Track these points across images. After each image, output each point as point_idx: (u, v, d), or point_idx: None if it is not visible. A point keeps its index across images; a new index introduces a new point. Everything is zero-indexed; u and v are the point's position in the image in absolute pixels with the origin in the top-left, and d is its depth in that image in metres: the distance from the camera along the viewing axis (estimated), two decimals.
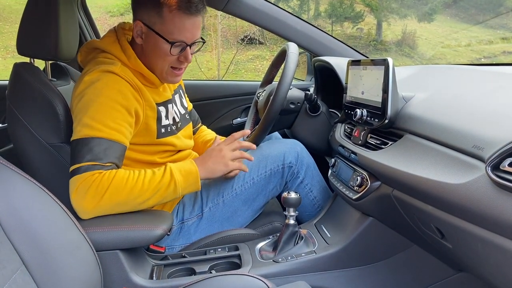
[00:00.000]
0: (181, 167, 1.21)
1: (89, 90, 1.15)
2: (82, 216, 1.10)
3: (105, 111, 1.14)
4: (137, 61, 1.24)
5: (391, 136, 1.12)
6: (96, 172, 1.09)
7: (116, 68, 1.19)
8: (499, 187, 0.70)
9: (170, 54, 1.22)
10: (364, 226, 1.24)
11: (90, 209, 1.09)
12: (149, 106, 1.25)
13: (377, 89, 1.12)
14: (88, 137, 1.11)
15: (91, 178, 1.08)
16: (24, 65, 1.29)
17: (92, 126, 1.11)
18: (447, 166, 0.84)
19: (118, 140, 1.14)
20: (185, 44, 1.22)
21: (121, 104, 1.16)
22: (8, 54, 8.98)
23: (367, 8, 10.26)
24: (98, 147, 1.11)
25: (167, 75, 1.27)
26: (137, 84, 1.22)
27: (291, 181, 1.45)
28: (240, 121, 2.21)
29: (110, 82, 1.16)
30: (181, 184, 1.18)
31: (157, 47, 1.22)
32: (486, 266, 0.84)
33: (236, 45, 9.71)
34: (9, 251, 0.77)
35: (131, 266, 1.13)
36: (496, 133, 0.77)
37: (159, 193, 1.15)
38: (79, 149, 1.11)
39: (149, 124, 1.26)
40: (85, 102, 1.14)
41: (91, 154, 1.10)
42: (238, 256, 1.26)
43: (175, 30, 1.19)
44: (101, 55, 1.25)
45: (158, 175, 1.17)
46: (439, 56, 8.86)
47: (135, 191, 1.12)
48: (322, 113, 1.57)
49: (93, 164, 1.09)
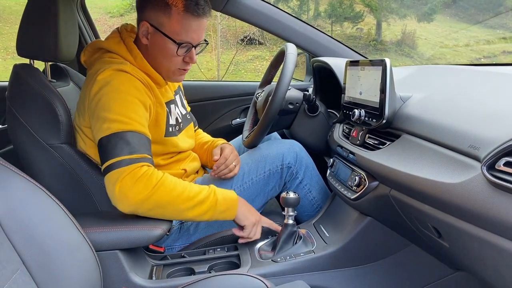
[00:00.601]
0: (223, 191, 1.23)
1: (107, 89, 1.16)
2: (125, 208, 1.09)
3: (128, 106, 1.15)
4: (144, 61, 1.25)
5: (388, 136, 1.13)
6: (144, 164, 1.10)
7: (127, 67, 1.20)
8: (495, 186, 0.70)
9: (177, 54, 1.23)
10: (362, 226, 1.25)
11: (136, 201, 1.08)
12: (159, 103, 1.27)
13: (375, 90, 1.12)
14: (121, 131, 1.11)
15: (139, 170, 1.09)
16: (24, 66, 1.30)
17: (121, 120, 1.12)
18: (443, 165, 0.85)
19: (145, 132, 1.16)
20: (191, 45, 1.24)
21: (139, 99, 1.18)
22: (8, 55, 8.98)
23: (367, 8, 10.26)
24: (133, 139, 1.12)
25: (173, 74, 1.29)
26: (148, 81, 1.25)
27: (290, 181, 1.46)
28: (239, 122, 2.22)
29: (125, 80, 1.18)
30: (220, 205, 1.19)
31: (163, 47, 1.23)
32: (482, 265, 0.85)
33: (236, 45, 9.71)
34: (9, 251, 0.77)
35: (130, 266, 1.13)
36: (492, 133, 0.77)
37: (201, 207, 1.16)
38: (114, 143, 1.10)
39: (158, 121, 1.27)
40: (106, 100, 1.15)
41: (129, 146, 1.10)
42: (237, 256, 1.27)
43: (182, 31, 1.21)
44: (107, 55, 1.26)
45: (203, 188, 1.18)
46: (438, 56, 8.86)
47: (182, 197, 1.13)
48: (320, 114, 1.57)
49: (136, 157, 1.10)
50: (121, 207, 1.10)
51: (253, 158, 1.44)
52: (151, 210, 1.11)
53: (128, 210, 1.10)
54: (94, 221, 1.11)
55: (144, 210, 1.11)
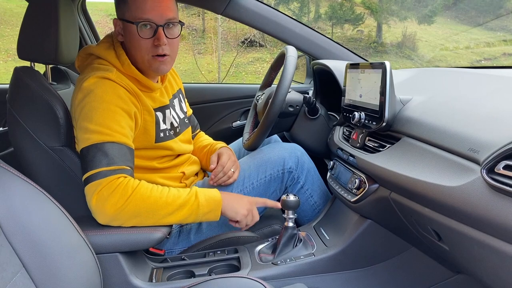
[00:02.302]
0: (206, 192, 1.21)
1: (89, 98, 1.15)
2: (102, 220, 1.09)
3: (110, 116, 1.14)
4: (131, 66, 1.24)
5: (389, 139, 1.13)
6: (121, 175, 1.09)
7: (112, 74, 1.19)
8: (494, 189, 0.70)
9: (140, 37, 1.20)
10: (363, 229, 1.25)
11: (112, 212, 1.08)
12: (147, 110, 1.25)
13: (375, 92, 1.13)
14: (99, 142, 1.11)
15: (115, 182, 1.08)
16: (25, 69, 1.30)
17: (101, 131, 1.12)
18: (443, 168, 0.85)
19: (126, 143, 1.15)
20: (154, 24, 1.20)
21: (122, 108, 1.16)
22: (9, 57, 9.01)
23: (367, 10, 10.28)
24: (112, 150, 1.11)
25: (150, 64, 1.24)
26: (134, 89, 1.22)
27: (291, 186, 1.45)
28: (239, 124, 2.22)
29: (109, 88, 1.16)
30: (203, 208, 1.18)
31: (130, 35, 1.22)
32: (482, 268, 0.85)
33: (237, 47, 9.74)
34: (9, 254, 0.77)
35: (130, 269, 1.13)
36: (492, 136, 0.77)
37: (181, 212, 1.15)
38: (93, 155, 1.10)
39: (147, 129, 1.26)
40: (88, 110, 1.14)
41: (107, 158, 1.10)
42: (237, 258, 1.27)
43: (138, 10, 1.19)
44: (96, 61, 1.25)
45: (182, 192, 1.17)
46: (439, 58, 8.87)
47: (158, 203, 1.12)
48: (320, 116, 1.57)
49: (113, 169, 1.09)
50: (99, 219, 1.10)
51: (254, 162, 1.44)
52: (129, 220, 1.11)
53: (106, 221, 1.10)
54: (94, 224, 1.11)
55: (122, 220, 1.10)
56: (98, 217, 1.09)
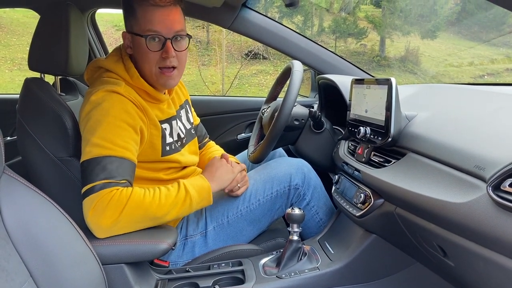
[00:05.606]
0: (193, 182, 1.23)
1: (96, 111, 1.16)
2: (100, 234, 1.09)
3: (113, 130, 1.14)
4: (140, 79, 1.25)
5: (394, 154, 1.14)
6: (114, 188, 1.10)
7: (121, 88, 1.20)
8: (500, 207, 0.71)
9: (148, 49, 1.21)
10: (367, 243, 1.25)
11: (108, 226, 1.08)
12: (153, 125, 1.26)
13: (381, 108, 1.14)
14: (99, 156, 1.11)
15: (108, 195, 1.08)
16: (35, 80, 1.32)
17: (102, 145, 1.12)
18: (449, 185, 0.85)
19: (128, 157, 1.15)
20: (162, 37, 1.22)
21: (128, 122, 1.17)
22: (14, 66, 9.07)
23: (371, 24, 10.35)
24: (111, 165, 1.11)
25: (158, 77, 1.25)
26: (141, 103, 1.23)
27: (297, 202, 1.45)
28: (244, 137, 2.23)
29: (116, 102, 1.17)
30: (195, 199, 1.20)
31: (139, 48, 1.23)
32: (487, 285, 0.85)
33: (241, 59, 9.80)
34: (17, 263, 0.78)
35: (135, 280, 1.13)
36: (497, 154, 0.78)
37: (176, 209, 1.17)
38: (92, 168, 1.11)
39: (154, 143, 1.27)
40: (93, 123, 1.15)
41: (105, 172, 1.10)
42: (242, 271, 1.27)
43: (146, 23, 1.20)
44: (106, 74, 1.26)
45: (173, 190, 1.18)
46: (442, 73, 8.90)
47: (153, 207, 1.13)
48: (326, 130, 1.58)
49: (108, 182, 1.10)
50: (96, 233, 1.09)
51: (260, 177, 1.44)
52: (125, 227, 1.11)
53: (103, 235, 1.10)
54: None
55: (119, 231, 1.11)
56: (94, 232, 1.09)
